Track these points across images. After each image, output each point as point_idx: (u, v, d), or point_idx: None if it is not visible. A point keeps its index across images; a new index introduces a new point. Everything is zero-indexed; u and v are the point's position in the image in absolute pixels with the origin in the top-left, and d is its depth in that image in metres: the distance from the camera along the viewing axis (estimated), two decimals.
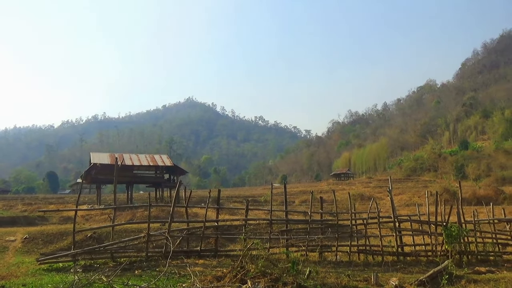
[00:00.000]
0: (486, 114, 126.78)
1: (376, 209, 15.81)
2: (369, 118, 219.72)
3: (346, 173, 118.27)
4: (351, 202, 16.67)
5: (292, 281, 8.78)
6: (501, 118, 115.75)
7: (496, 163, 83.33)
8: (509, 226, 17.44)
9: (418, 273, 12.24)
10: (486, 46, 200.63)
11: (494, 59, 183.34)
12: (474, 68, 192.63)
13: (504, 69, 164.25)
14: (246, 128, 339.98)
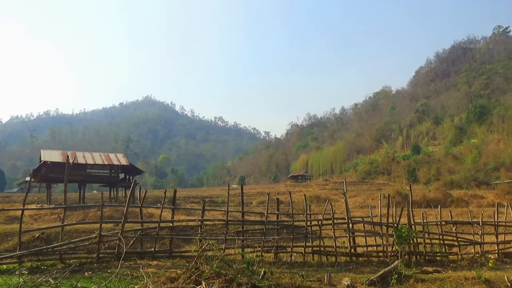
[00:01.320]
0: (437, 121, 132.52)
1: (331, 210, 16.10)
2: (327, 121, 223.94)
3: (304, 175, 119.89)
4: (307, 204, 16.92)
5: (246, 282, 8.77)
6: (450, 124, 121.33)
7: (445, 168, 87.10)
8: (455, 228, 18.25)
9: (369, 273, 12.55)
10: (439, 56, 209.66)
11: (446, 68, 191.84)
12: (427, 76, 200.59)
13: (454, 78, 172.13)
14: (206, 128, 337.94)
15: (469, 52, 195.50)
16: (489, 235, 18.56)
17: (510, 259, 17.08)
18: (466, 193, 56.93)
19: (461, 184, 69.75)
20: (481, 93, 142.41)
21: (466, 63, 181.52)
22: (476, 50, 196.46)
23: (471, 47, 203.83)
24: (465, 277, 11.44)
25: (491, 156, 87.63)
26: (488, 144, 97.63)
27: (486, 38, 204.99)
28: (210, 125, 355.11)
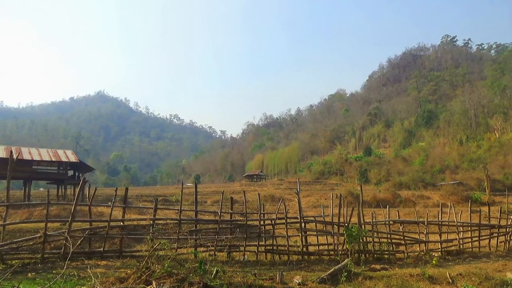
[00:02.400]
0: (388, 124, 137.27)
1: (284, 210, 16.27)
2: (283, 122, 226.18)
3: (259, 174, 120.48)
4: (260, 203, 17.01)
5: (198, 281, 8.69)
6: (400, 128, 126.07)
7: (395, 169, 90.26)
8: (402, 227, 18.96)
9: (320, 271, 12.79)
10: (391, 61, 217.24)
11: (397, 73, 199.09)
12: (379, 81, 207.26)
13: (405, 84, 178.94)
14: (160, 125, 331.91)
15: (419, 59, 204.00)
16: (434, 234, 19.39)
17: (452, 256, 17.95)
18: (413, 193, 59.21)
19: (409, 185, 72.48)
20: (429, 98, 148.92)
21: (416, 70, 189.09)
22: (426, 57, 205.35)
23: (421, 54, 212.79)
24: (410, 274, 11.90)
25: (437, 159, 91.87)
26: (434, 147, 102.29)
27: (435, 46, 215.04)
28: (165, 123, 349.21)
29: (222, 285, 9.11)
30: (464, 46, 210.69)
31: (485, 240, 20.22)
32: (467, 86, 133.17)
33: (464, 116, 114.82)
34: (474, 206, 31.73)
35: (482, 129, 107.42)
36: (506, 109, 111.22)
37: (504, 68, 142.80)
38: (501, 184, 65.92)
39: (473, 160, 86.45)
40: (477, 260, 17.28)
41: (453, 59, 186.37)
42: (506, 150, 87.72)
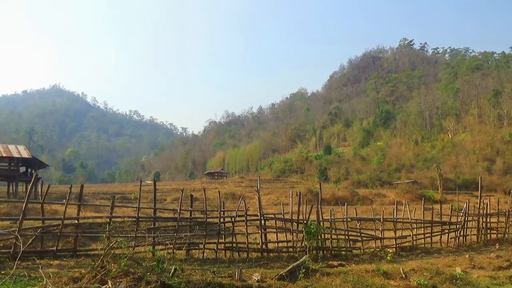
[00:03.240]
0: (347, 123, 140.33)
1: (244, 207, 16.29)
2: (244, 120, 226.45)
3: (220, 172, 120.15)
4: (221, 201, 16.96)
5: (156, 280, 8.56)
6: (359, 127, 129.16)
7: (354, 168, 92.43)
8: (359, 224, 19.43)
9: (279, 268, 12.88)
10: (351, 62, 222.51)
11: (357, 74, 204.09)
12: (340, 81, 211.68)
13: (364, 84, 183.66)
14: (119, 122, 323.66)
15: (378, 61, 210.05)
16: (389, 230, 20.00)
17: (406, 252, 18.59)
18: (371, 192, 60.89)
19: (367, 184, 74.47)
20: (387, 99, 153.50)
21: (375, 71, 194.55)
22: (384, 59, 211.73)
23: (380, 56, 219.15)
24: (366, 270, 12.20)
25: (393, 158, 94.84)
26: (391, 147, 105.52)
27: (393, 49, 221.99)
28: (124, 119, 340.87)
29: (180, 283, 9.00)
30: (421, 50, 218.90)
31: (436, 237, 21.03)
32: (422, 88, 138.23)
33: (420, 117, 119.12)
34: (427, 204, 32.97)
35: (436, 130, 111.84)
36: (458, 111, 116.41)
37: (457, 71, 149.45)
38: (453, 183, 68.86)
39: (427, 159, 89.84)
40: (429, 255, 17.98)
41: (410, 61, 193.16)
42: (458, 150, 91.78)
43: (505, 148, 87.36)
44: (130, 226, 15.08)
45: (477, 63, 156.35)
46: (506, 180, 70.56)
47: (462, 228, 21.50)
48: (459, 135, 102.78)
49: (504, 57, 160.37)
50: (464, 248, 20.37)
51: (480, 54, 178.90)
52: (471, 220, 22.53)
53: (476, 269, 14.85)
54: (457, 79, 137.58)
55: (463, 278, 12.27)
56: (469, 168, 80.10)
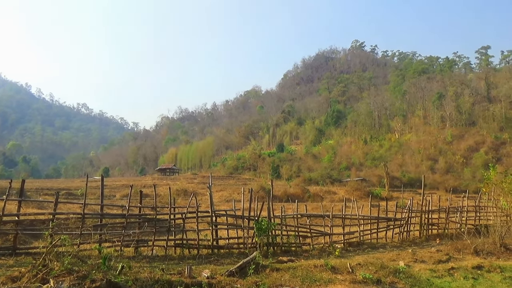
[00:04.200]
0: (300, 122, 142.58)
1: (196, 204, 16.14)
2: (198, 116, 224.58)
3: (172, 168, 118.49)
4: (172, 197, 16.71)
5: (101, 278, 8.31)
6: (312, 126, 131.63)
7: (305, 166, 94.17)
8: (309, 220, 19.80)
9: (229, 264, 12.88)
10: (305, 62, 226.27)
11: (310, 74, 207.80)
12: (293, 80, 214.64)
13: (317, 84, 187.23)
14: (66, 115, 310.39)
15: (331, 61, 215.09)
16: (338, 226, 20.50)
17: (353, 247, 19.14)
18: (321, 189, 62.20)
19: (318, 181, 76.05)
20: (338, 99, 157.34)
21: (327, 71, 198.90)
22: (337, 60, 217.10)
23: (332, 56, 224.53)
24: (315, 265, 12.44)
25: (344, 157, 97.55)
26: (342, 145, 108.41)
27: (346, 50, 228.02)
28: (72, 112, 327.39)
29: (128, 281, 8.80)
30: (371, 52, 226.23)
31: (382, 232, 21.82)
32: (372, 89, 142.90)
33: (369, 117, 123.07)
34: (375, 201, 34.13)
35: (384, 130, 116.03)
36: (405, 112, 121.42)
37: (405, 74, 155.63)
38: (399, 181, 71.72)
39: (375, 158, 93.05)
40: (375, 250, 18.63)
41: (361, 63, 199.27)
42: (404, 150, 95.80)
43: (447, 148, 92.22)
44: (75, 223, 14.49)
45: (423, 66, 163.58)
46: (447, 178, 74.54)
47: (406, 224, 22.45)
48: (405, 135, 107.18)
49: (448, 62, 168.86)
50: (408, 243, 21.28)
51: (426, 58, 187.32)
52: (415, 216, 23.53)
53: (418, 263, 15.54)
54: (405, 81, 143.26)
55: (405, 271, 12.80)
56: (414, 167, 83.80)
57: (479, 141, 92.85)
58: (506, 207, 24.72)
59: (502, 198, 25.46)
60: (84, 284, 8.10)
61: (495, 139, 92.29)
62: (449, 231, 24.12)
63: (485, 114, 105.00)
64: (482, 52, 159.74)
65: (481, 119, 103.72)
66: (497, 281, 13.93)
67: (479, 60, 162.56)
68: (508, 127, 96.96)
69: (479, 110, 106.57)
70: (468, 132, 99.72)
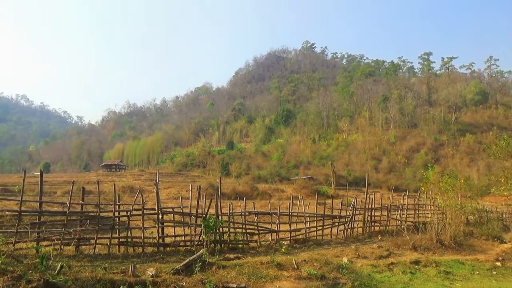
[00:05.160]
0: (250, 120, 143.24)
1: (141, 201, 15.77)
2: (147, 111, 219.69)
3: (118, 164, 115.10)
4: (117, 194, 16.24)
5: (38, 278, 7.95)
6: (262, 124, 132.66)
7: (255, 164, 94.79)
8: (257, 217, 19.94)
9: (175, 262, 12.72)
10: (256, 60, 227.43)
11: (261, 72, 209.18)
12: (245, 78, 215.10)
13: (268, 83, 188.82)
14: (4, 106, 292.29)
15: (282, 61, 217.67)
16: (285, 224, 20.80)
17: (300, 244, 19.48)
18: (270, 187, 62.89)
19: (267, 179, 76.82)
20: (288, 98, 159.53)
21: (278, 70, 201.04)
22: (288, 60, 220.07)
23: (283, 56, 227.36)
24: (261, 262, 12.55)
25: (293, 155, 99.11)
26: (291, 144, 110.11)
27: (296, 50, 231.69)
28: (10, 103, 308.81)
29: (67, 281, 8.47)
30: (321, 53, 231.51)
31: (327, 229, 22.37)
32: (321, 89, 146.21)
33: (318, 117, 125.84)
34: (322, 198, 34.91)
35: (332, 130, 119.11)
36: (352, 113, 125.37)
37: (353, 76, 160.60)
38: (345, 179, 73.96)
39: (323, 157, 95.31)
40: (320, 247, 19.07)
41: (311, 64, 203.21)
42: (350, 149, 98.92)
43: (390, 149, 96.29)
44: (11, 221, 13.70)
45: (370, 69, 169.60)
46: (390, 177, 77.86)
47: (350, 221, 23.18)
48: (352, 135, 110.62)
49: (393, 65, 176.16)
50: (351, 240, 21.97)
51: (373, 61, 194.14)
52: (358, 214, 24.35)
53: (361, 259, 16.10)
54: (352, 83, 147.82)
55: (348, 267, 13.22)
56: (360, 166, 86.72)
57: (420, 143, 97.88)
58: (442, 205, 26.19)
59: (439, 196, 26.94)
60: (19, 284, 7.74)
61: (434, 141, 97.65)
62: (390, 228, 25.14)
63: (426, 117, 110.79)
64: (424, 57, 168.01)
65: (422, 121, 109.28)
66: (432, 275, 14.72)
67: (422, 65, 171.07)
68: (446, 130, 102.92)
69: (421, 113, 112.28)
70: (410, 133, 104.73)
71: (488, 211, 31.80)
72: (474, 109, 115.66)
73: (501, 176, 22.66)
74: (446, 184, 25.32)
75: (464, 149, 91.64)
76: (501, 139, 23.77)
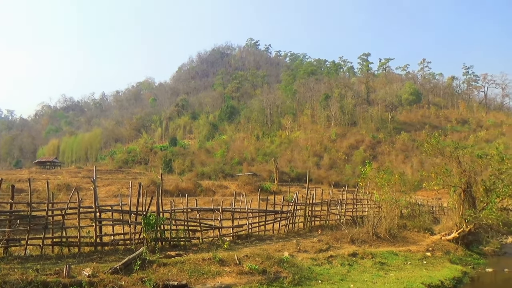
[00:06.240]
0: (194, 116, 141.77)
1: (77, 199, 15.12)
2: (84, 106, 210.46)
3: (54, 161, 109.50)
4: (51, 192, 15.48)
5: None
6: (206, 121, 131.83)
7: (198, 160, 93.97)
8: (199, 214, 19.80)
9: (114, 261, 12.35)
10: (200, 56, 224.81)
11: (205, 68, 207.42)
12: (188, 73, 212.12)
13: (212, 79, 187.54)
14: None
15: (226, 58, 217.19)
16: (228, 220, 20.82)
17: (242, 240, 19.61)
18: (213, 183, 62.71)
19: (210, 175, 76.45)
20: (232, 95, 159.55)
21: (223, 67, 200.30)
22: (232, 57, 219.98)
23: (228, 53, 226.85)
24: (203, 258, 12.50)
25: (236, 152, 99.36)
26: (235, 141, 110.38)
27: (241, 47, 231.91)
28: None
29: None
30: (265, 51, 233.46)
31: (269, 225, 22.68)
32: (265, 87, 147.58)
33: (261, 114, 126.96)
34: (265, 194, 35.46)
35: (275, 127, 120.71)
36: (295, 111, 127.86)
37: (296, 74, 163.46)
38: (287, 176, 75.16)
39: (266, 154, 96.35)
40: (262, 242, 19.29)
41: (255, 61, 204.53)
42: (293, 146, 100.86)
43: (331, 146, 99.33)
44: None
45: (312, 68, 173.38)
46: (331, 174, 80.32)
47: (292, 216, 23.64)
48: (294, 132, 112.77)
49: (334, 65, 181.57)
50: (293, 234, 22.44)
51: (315, 60, 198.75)
52: (300, 209, 24.90)
53: (301, 253, 16.49)
54: (295, 81, 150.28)
55: (289, 261, 13.50)
56: (302, 162, 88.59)
57: (359, 140, 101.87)
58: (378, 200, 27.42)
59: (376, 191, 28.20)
60: None
61: (372, 138, 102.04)
62: (330, 222, 25.97)
63: (364, 115, 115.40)
64: (363, 58, 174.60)
65: (361, 119, 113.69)
66: (368, 266, 15.38)
67: (361, 65, 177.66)
68: (383, 128, 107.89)
69: (360, 111, 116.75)
70: (350, 131, 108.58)
71: (420, 204, 33.73)
72: (409, 109, 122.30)
73: (432, 172, 24.02)
74: (382, 180, 26.57)
75: (400, 147, 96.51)
76: (432, 137, 25.14)
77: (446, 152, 24.08)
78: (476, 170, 23.85)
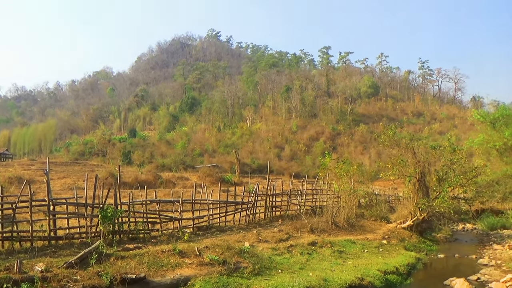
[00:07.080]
0: (154, 107, 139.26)
1: (29, 192, 14.49)
2: (38, 95, 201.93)
3: (4, 153, 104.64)
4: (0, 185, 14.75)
5: None
6: (166, 112, 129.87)
7: (158, 152, 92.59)
8: (159, 206, 19.51)
9: (69, 255, 12.01)
10: (160, 46, 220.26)
11: (165, 58, 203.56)
12: (148, 64, 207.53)
13: (172, 69, 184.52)
14: None
15: (187, 48, 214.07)
16: (188, 211, 20.65)
17: (203, 231, 19.50)
18: (174, 175, 61.92)
19: (171, 167, 75.48)
20: (193, 86, 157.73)
21: (183, 57, 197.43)
22: (193, 47, 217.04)
23: (188, 43, 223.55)
24: (162, 251, 12.33)
25: (198, 143, 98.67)
26: (196, 132, 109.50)
27: (202, 38, 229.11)
28: None
29: None
30: (226, 42, 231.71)
31: (230, 216, 22.68)
32: (227, 78, 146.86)
33: (223, 106, 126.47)
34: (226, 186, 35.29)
35: (237, 118, 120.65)
36: (256, 102, 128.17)
37: (257, 66, 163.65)
38: (249, 167, 75.34)
39: (228, 145, 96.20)
40: (223, 233, 19.28)
41: (217, 52, 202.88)
42: (254, 138, 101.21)
43: (292, 137, 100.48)
44: None
45: (274, 60, 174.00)
46: (291, 165, 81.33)
47: (252, 207, 23.73)
48: (256, 124, 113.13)
49: (295, 57, 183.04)
50: (253, 225, 22.54)
51: (276, 53, 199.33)
52: (260, 200, 25.04)
53: (262, 243, 16.60)
54: (257, 73, 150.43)
55: (249, 251, 13.53)
56: (263, 154, 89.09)
57: (319, 132, 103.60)
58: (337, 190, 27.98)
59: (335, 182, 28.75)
60: None
61: (332, 130, 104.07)
62: (290, 213, 26.28)
63: (324, 107, 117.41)
64: (324, 51, 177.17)
65: (321, 111, 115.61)
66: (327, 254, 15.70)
67: (321, 58, 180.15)
68: (342, 120, 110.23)
69: (320, 103, 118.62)
70: (310, 123, 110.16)
71: (377, 194, 34.76)
72: (367, 101, 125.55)
73: (388, 163, 24.74)
74: (341, 170, 27.12)
75: (358, 138, 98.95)
76: (389, 129, 25.87)
77: (402, 144, 24.84)
78: (430, 160, 24.77)
